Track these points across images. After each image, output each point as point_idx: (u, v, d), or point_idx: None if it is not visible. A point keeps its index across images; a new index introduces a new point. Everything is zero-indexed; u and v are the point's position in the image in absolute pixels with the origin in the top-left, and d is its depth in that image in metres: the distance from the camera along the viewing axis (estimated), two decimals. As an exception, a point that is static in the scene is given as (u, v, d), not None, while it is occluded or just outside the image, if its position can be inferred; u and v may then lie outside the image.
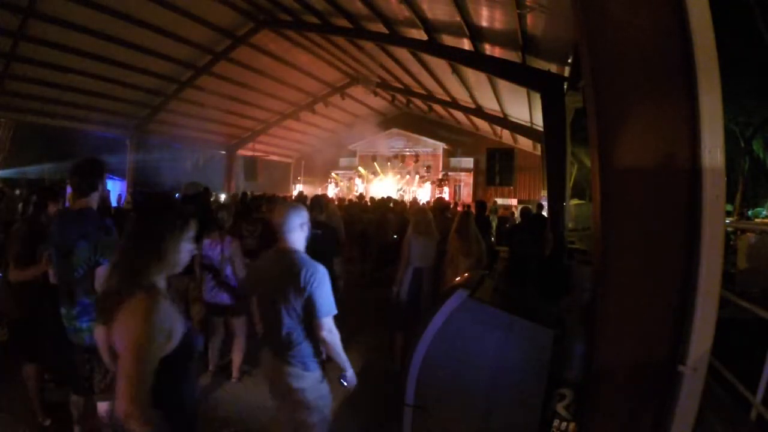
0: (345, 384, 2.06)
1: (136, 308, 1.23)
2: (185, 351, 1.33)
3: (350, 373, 2.06)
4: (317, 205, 3.98)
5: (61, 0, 8.08)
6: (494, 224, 9.90)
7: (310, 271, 1.90)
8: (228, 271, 3.42)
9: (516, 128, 13.03)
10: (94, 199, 2.28)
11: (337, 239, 4.10)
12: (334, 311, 1.94)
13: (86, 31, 9.06)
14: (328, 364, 2.08)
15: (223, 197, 12.49)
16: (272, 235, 2.11)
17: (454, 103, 14.07)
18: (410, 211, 7.09)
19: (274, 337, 1.98)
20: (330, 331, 1.92)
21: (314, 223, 3.83)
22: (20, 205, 6.13)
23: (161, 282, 1.33)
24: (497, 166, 11.84)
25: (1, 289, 2.82)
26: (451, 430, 2.02)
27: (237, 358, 3.56)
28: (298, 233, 2.02)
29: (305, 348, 1.95)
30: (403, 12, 7.91)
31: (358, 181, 19.49)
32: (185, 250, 1.38)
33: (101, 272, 2.17)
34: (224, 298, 3.46)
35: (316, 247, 3.87)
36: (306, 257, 2.00)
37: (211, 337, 3.69)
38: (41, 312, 2.58)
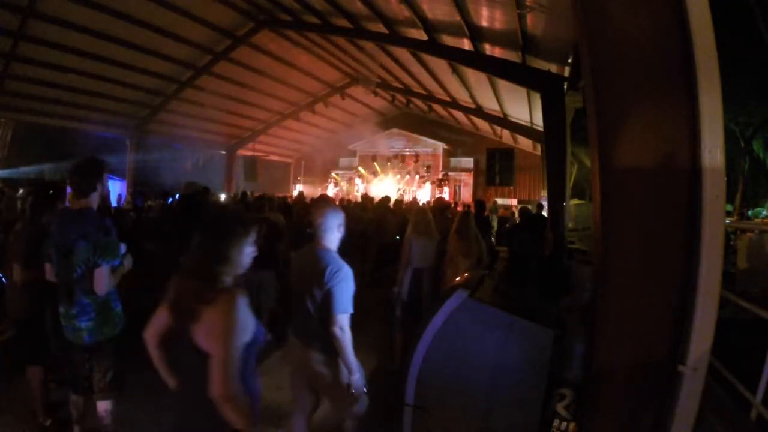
0: (352, 389, 2.09)
1: (223, 307, 1.38)
2: (254, 342, 1.48)
3: (357, 377, 2.09)
4: (320, 206, 3.99)
5: (61, 0, 8.08)
6: (495, 224, 9.91)
7: (335, 269, 2.06)
8: None
9: (516, 128, 13.03)
10: (94, 199, 2.28)
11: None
12: (350, 310, 2.06)
13: (86, 31, 9.06)
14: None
15: (223, 197, 12.48)
16: (277, 236, 2.20)
17: (454, 103, 14.07)
18: (410, 211, 7.09)
19: (304, 326, 2.15)
20: (341, 329, 2.02)
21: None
22: (19, 203, 6.13)
23: (230, 281, 1.47)
24: (497, 166, 11.84)
25: (5, 290, 2.82)
26: (451, 430, 2.02)
27: None
28: (334, 233, 2.20)
29: (325, 337, 2.08)
30: (403, 12, 7.91)
31: (358, 181, 19.50)
32: (248, 252, 1.54)
33: (100, 273, 2.17)
34: None
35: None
36: (335, 256, 2.17)
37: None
38: (45, 312, 2.58)
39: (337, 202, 10.76)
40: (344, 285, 2.05)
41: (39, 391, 2.73)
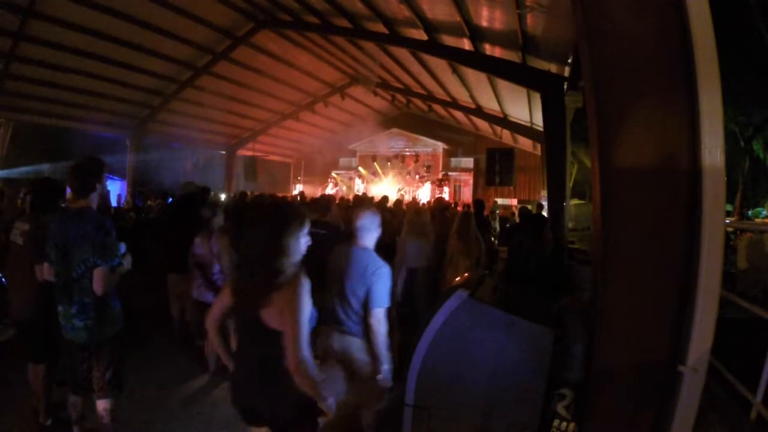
0: (380, 378, 2.25)
1: (291, 290, 1.56)
2: (311, 319, 1.65)
3: (386, 368, 2.25)
4: (323, 205, 3.98)
5: (61, 0, 8.08)
6: (497, 225, 9.92)
7: (375, 267, 2.32)
8: (216, 268, 3.41)
9: (516, 128, 13.03)
10: (93, 200, 2.28)
11: (340, 239, 4.10)
12: (387, 304, 2.28)
13: (86, 31, 9.05)
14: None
15: (223, 197, 12.48)
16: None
17: (454, 103, 14.07)
18: (407, 211, 7.09)
19: (341, 316, 2.39)
20: (379, 321, 2.25)
21: (318, 224, 3.85)
22: (19, 202, 6.13)
23: (291, 267, 1.64)
24: (497, 166, 11.78)
25: (7, 290, 2.81)
26: (451, 430, 2.02)
27: None
28: (371, 234, 2.46)
29: (363, 327, 2.34)
30: (403, 12, 7.91)
31: (358, 181, 19.50)
32: (303, 241, 1.70)
33: (99, 273, 2.17)
34: (209, 297, 3.42)
35: (315, 245, 3.85)
36: (374, 255, 2.42)
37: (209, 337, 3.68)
38: (49, 312, 2.58)
39: (337, 202, 10.76)
40: (383, 283, 2.28)
41: (42, 391, 2.72)
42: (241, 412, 1.76)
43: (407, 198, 16.22)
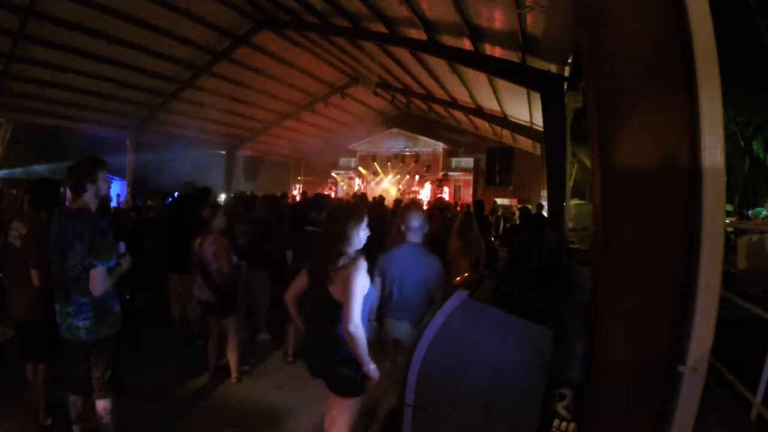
0: None
1: (350, 271, 1.98)
2: (368, 296, 2.06)
3: None
4: (317, 204, 3.98)
5: (61, 0, 8.08)
6: (500, 225, 9.92)
7: (431, 260, 2.85)
8: (213, 267, 3.42)
9: (516, 128, 13.02)
10: (90, 200, 2.27)
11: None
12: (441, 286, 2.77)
13: (86, 31, 9.05)
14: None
15: (223, 197, 12.48)
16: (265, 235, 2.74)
17: (454, 103, 14.06)
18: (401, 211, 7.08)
19: (401, 305, 2.80)
20: (432, 299, 2.70)
21: (313, 222, 3.87)
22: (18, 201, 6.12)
23: (352, 253, 2.07)
24: (497, 166, 11.77)
25: (5, 290, 2.81)
26: (451, 430, 2.02)
27: (232, 359, 3.55)
28: (418, 232, 2.91)
29: (419, 312, 2.70)
30: (403, 12, 7.91)
31: (358, 181, 19.50)
32: (363, 234, 2.12)
33: (96, 274, 2.16)
34: (210, 296, 3.46)
35: (312, 244, 3.94)
36: (427, 251, 2.92)
37: (209, 336, 3.69)
38: (48, 313, 2.58)
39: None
40: (437, 271, 2.82)
41: (42, 391, 2.72)
42: (309, 367, 2.16)
43: (407, 198, 16.20)
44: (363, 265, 2.00)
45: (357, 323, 1.91)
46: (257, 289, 4.43)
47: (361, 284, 1.97)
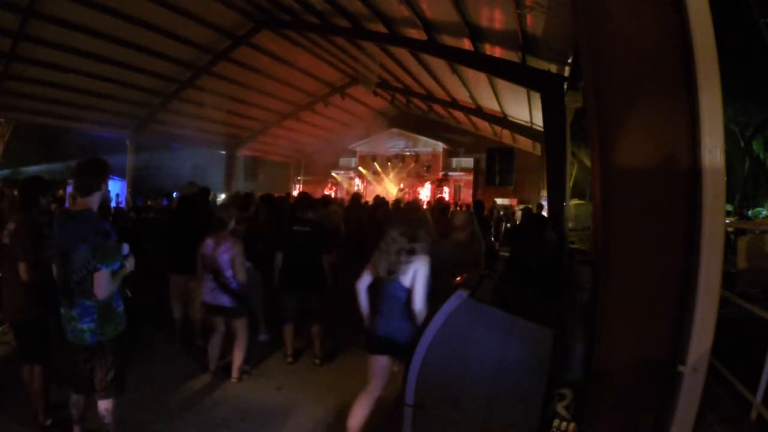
0: None
1: (418, 263, 2.47)
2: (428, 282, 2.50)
3: None
4: (304, 203, 3.98)
5: (61, 0, 8.08)
6: (502, 225, 9.92)
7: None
8: (229, 273, 3.41)
9: (516, 128, 13.02)
10: (95, 200, 2.26)
11: (327, 236, 4.09)
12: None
13: (86, 31, 9.04)
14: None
15: (223, 197, 12.48)
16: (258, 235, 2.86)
17: (454, 103, 14.06)
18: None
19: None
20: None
21: (302, 221, 3.86)
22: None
23: (419, 249, 2.52)
24: (497, 166, 11.78)
25: (4, 290, 2.81)
26: (451, 430, 2.02)
27: (237, 358, 3.54)
28: (466, 231, 3.67)
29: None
30: (403, 12, 7.91)
31: (357, 181, 19.50)
32: (423, 234, 2.62)
33: (99, 277, 2.15)
34: (224, 300, 3.44)
35: (301, 243, 3.95)
36: None
37: (210, 337, 3.69)
38: (46, 313, 2.58)
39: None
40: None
41: (39, 391, 2.72)
42: (373, 345, 2.53)
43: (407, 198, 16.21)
44: (426, 260, 2.49)
45: (423, 303, 2.44)
46: (250, 289, 4.41)
47: (425, 274, 2.46)
